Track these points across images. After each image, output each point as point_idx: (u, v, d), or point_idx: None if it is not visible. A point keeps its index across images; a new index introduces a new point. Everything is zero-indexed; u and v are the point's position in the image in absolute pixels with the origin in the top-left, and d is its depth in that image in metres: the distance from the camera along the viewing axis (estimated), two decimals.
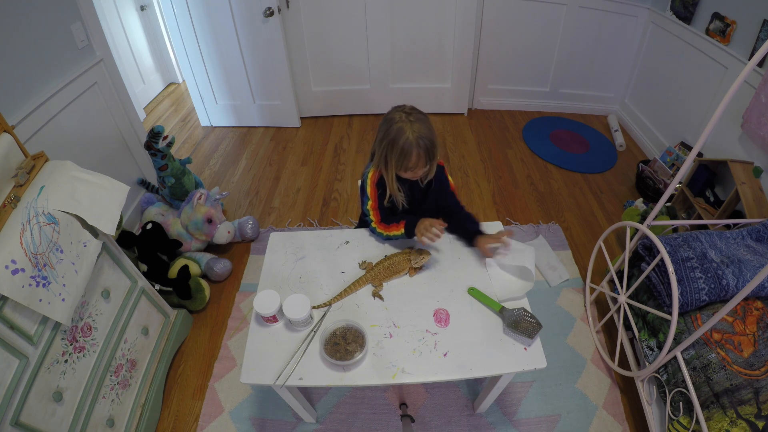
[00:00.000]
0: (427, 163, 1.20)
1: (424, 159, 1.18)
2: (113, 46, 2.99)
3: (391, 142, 1.17)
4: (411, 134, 1.14)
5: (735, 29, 2.15)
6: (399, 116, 1.17)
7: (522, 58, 3.19)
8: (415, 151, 1.15)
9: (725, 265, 1.37)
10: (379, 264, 1.24)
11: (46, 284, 1.04)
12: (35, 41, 1.61)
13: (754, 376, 1.19)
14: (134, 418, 1.46)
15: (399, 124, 1.15)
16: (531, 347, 1.07)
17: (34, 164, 1.17)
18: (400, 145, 1.15)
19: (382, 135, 1.20)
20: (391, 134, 1.16)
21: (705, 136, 1.22)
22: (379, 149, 1.22)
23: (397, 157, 1.17)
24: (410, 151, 1.15)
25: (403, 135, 1.14)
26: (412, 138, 1.14)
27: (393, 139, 1.16)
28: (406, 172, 1.23)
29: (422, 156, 1.17)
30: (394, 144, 1.16)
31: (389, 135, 1.17)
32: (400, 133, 1.15)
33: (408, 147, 1.14)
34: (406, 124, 1.15)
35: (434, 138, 1.18)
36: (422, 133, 1.15)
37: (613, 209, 2.51)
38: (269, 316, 1.09)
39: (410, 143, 1.14)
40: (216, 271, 2.01)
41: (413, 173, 1.23)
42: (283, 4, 2.72)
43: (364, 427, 1.55)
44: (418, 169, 1.21)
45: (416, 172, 1.23)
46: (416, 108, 1.21)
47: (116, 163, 2.16)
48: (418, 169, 1.21)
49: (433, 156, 1.20)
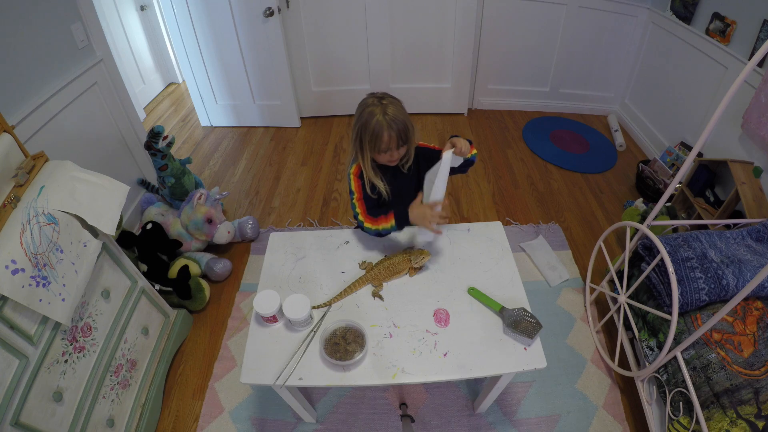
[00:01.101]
0: (400, 145, 1.20)
1: (396, 140, 1.17)
2: (113, 46, 2.99)
3: (363, 125, 1.17)
4: (381, 116, 1.14)
5: (735, 29, 2.15)
6: (371, 101, 1.18)
7: (522, 58, 3.19)
8: (387, 132, 1.15)
9: (725, 265, 1.37)
10: (379, 264, 1.24)
11: (46, 284, 1.04)
12: (35, 41, 1.61)
13: (754, 376, 1.19)
14: (134, 418, 1.46)
15: (370, 108, 1.16)
16: (531, 347, 1.07)
17: (34, 164, 1.17)
18: (372, 126, 1.15)
19: (355, 120, 1.20)
20: (363, 118, 1.17)
21: (705, 136, 1.22)
22: (353, 135, 1.23)
23: (369, 139, 1.17)
24: (381, 132, 1.15)
25: (374, 117, 1.15)
26: (382, 119, 1.14)
27: (365, 122, 1.17)
28: (381, 155, 1.22)
29: (394, 137, 1.16)
30: (366, 126, 1.16)
31: (361, 119, 1.18)
32: (371, 116, 1.15)
33: (379, 128, 1.15)
34: (377, 107, 1.15)
35: (407, 120, 1.18)
36: (394, 115, 1.15)
37: (613, 209, 2.51)
38: (269, 316, 1.10)
39: (381, 124, 1.14)
40: (216, 271, 2.01)
41: (389, 156, 1.22)
42: (283, 4, 2.73)
43: (364, 427, 1.55)
44: (393, 151, 1.21)
45: (392, 154, 1.22)
46: (389, 94, 1.21)
47: (116, 163, 2.16)
48: (392, 151, 1.20)
49: (406, 138, 1.20)
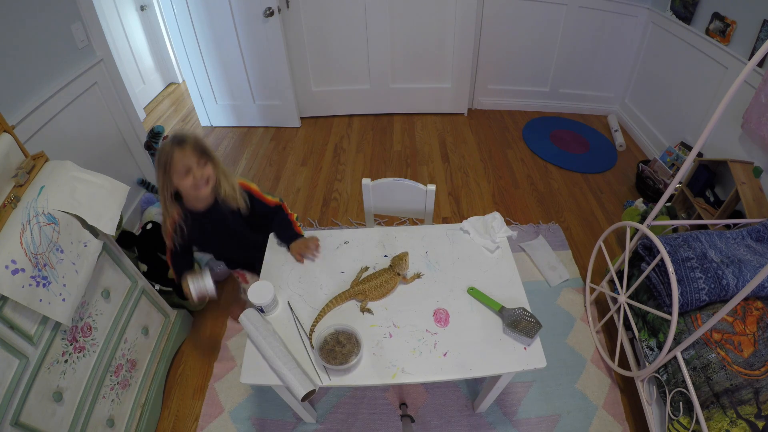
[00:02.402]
0: (202, 162, 1.16)
1: (193, 153, 1.14)
2: (113, 46, 2.99)
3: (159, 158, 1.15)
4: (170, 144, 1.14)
5: (735, 29, 2.15)
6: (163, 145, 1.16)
7: (522, 58, 3.19)
8: (177, 149, 1.12)
9: (725, 265, 1.37)
10: (365, 281, 1.18)
11: (47, 284, 1.04)
12: (35, 41, 1.61)
13: (754, 376, 1.19)
14: (134, 418, 1.46)
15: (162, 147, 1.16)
16: (531, 347, 1.07)
17: (34, 164, 1.17)
18: (164, 153, 1.13)
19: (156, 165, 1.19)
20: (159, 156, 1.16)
21: (705, 136, 1.22)
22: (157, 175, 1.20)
23: (164, 165, 1.14)
24: (172, 152, 1.12)
25: (165, 148, 1.14)
26: (171, 144, 1.13)
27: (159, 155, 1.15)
28: (183, 178, 1.15)
29: (189, 151, 1.13)
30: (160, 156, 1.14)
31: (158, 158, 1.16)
32: (162, 149, 1.15)
33: (168, 150, 1.13)
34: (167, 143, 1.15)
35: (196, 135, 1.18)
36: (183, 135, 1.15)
37: (613, 209, 2.51)
38: (264, 305, 1.11)
39: (169, 148, 1.13)
40: (216, 272, 2.01)
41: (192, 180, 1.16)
42: (283, 4, 2.73)
43: (364, 427, 1.55)
44: (194, 169, 1.15)
45: (194, 174, 1.15)
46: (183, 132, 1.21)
47: (116, 163, 2.16)
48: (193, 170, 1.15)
49: (206, 151, 1.17)
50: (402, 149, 3.03)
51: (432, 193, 1.52)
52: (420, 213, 1.60)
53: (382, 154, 2.98)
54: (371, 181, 1.54)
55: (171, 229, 1.27)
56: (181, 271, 1.33)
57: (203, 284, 1.25)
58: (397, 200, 1.59)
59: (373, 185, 1.54)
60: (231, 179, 1.27)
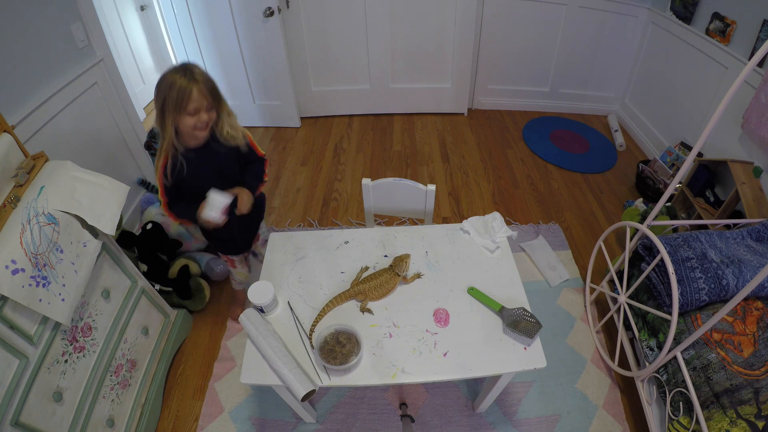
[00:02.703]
0: (210, 106, 1.15)
1: (207, 97, 1.13)
2: (113, 46, 2.99)
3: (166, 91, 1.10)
4: (186, 78, 1.10)
5: (735, 29, 2.15)
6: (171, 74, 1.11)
7: (522, 58, 3.19)
8: (195, 88, 1.10)
9: (725, 265, 1.37)
10: (365, 281, 1.18)
11: (46, 284, 1.04)
12: (35, 41, 1.61)
13: (754, 376, 1.19)
14: (134, 418, 1.46)
15: (171, 77, 1.10)
16: (531, 347, 1.07)
17: (34, 164, 1.17)
18: (176, 88, 1.09)
19: (157, 94, 1.13)
20: (164, 87, 1.11)
21: (705, 136, 1.22)
22: (156, 110, 1.15)
23: (174, 100, 1.10)
24: (188, 89, 1.09)
25: (177, 81, 1.09)
26: (186, 80, 1.09)
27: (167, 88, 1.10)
28: (187, 117, 1.13)
29: (205, 93, 1.12)
30: (170, 90, 1.10)
31: (163, 89, 1.11)
32: (173, 83, 1.10)
33: (184, 86, 1.09)
34: (178, 74, 1.10)
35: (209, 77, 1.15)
36: (201, 75, 1.12)
37: (613, 209, 2.51)
38: (264, 305, 1.11)
39: (185, 84, 1.09)
40: (216, 271, 2.01)
41: (197, 120, 1.15)
42: (283, 4, 2.72)
43: (364, 427, 1.55)
44: (202, 113, 1.14)
45: (200, 117, 1.15)
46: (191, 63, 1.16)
47: (116, 163, 2.16)
48: (202, 111, 1.14)
49: (217, 96, 1.16)
50: (402, 149, 3.03)
51: (432, 193, 1.52)
52: (420, 213, 1.60)
53: (382, 154, 2.98)
54: (371, 181, 1.54)
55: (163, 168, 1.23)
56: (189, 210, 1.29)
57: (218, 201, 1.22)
58: (397, 200, 1.60)
59: (373, 185, 1.54)
60: (233, 120, 1.27)
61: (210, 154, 1.28)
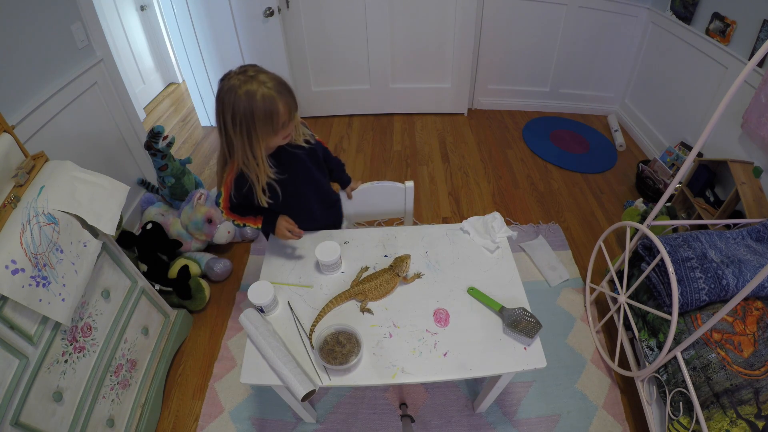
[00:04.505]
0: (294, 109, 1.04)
1: (293, 105, 1.02)
2: (113, 46, 2.99)
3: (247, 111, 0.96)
4: (264, 88, 0.95)
5: (735, 29, 2.15)
6: (236, 80, 0.96)
7: (522, 58, 3.19)
8: (281, 99, 0.97)
9: (725, 265, 1.37)
10: (365, 281, 1.18)
11: (46, 284, 1.04)
12: (35, 41, 1.61)
13: (754, 376, 1.19)
14: (134, 418, 1.46)
15: (243, 88, 0.95)
16: (531, 347, 1.07)
17: (34, 164, 1.17)
18: (260, 105, 0.95)
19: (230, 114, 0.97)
20: (241, 104, 0.95)
21: (705, 136, 1.22)
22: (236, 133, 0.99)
23: (263, 121, 0.97)
24: (275, 106, 0.96)
25: (256, 94, 0.95)
26: (267, 91, 0.95)
27: (246, 105, 0.95)
28: (280, 134, 1.04)
29: (290, 102, 1.00)
30: (253, 109, 0.95)
31: (239, 106, 0.95)
32: (251, 95, 0.95)
33: (270, 102, 0.95)
34: (248, 83, 0.95)
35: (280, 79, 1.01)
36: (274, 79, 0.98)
37: (613, 209, 2.51)
38: (264, 305, 1.11)
39: (269, 97, 0.95)
40: (216, 271, 2.01)
41: (285, 131, 1.05)
42: (283, 4, 2.72)
43: (364, 427, 1.55)
44: (289, 122, 1.03)
45: (288, 128, 1.05)
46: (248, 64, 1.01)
47: (116, 163, 2.16)
48: (288, 122, 1.03)
49: (294, 102, 1.03)
50: (402, 149, 3.03)
51: (411, 191, 1.52)
52: (400, 213, 1.59)
53: (382, 154, 2.98)
54: None
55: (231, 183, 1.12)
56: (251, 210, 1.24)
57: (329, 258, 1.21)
58: (376, 203, 1.57)
59: None
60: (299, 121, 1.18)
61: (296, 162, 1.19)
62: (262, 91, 0.95)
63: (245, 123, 0.97)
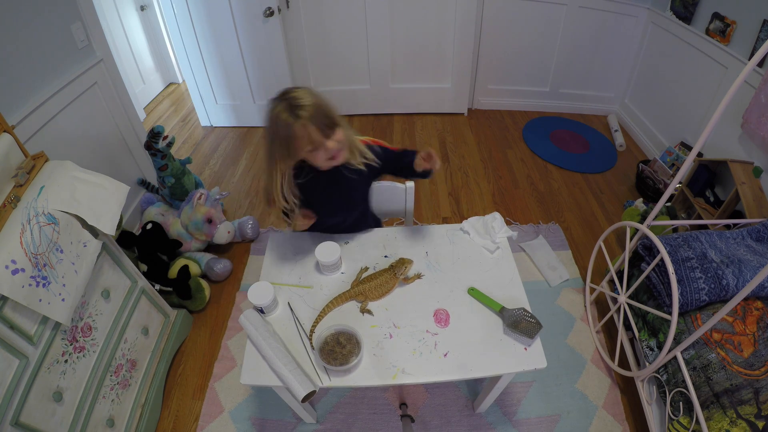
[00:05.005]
0: (325, 131, 1.03)
1: (313, 128, 1.00)
2: (113, 46, 2.99)
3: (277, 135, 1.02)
4: (284, 114, 1.00)
5: (735, 29, 2.15)
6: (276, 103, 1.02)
7: (522, 58, 3.19)
8: (295, 122, 0.98)
9: (725, 265, 1.37)
10: (365, 282, 1.18)
11: (46, 284, 1.04)
12: (35, 41, 1.61)
13: (754, 376, 1.19)
14: (134, 418, 1.46)
15: (274, 111, 1.01)
16: (531, 347, 1.07)
17: (34, 164, 1.17)
18: (280, 127, 1.00)
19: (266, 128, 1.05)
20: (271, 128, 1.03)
21: (705, 136, 1.22)
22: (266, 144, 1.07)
23: (280, 144, 1.03)
24: (290, 124, 0.98)
25: (280, 117, 1.00)
26: (289, 116, 0.99)
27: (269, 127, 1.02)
28: (312, 153, 1.05)
29: (308, 125, 1.00)
30: (277, 131, 1.01)
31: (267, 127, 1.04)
32: (274, 118, 1.01)
33: (283, 121, 0.99)
34: (280, 106, 1.00)
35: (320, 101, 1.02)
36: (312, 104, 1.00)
37: (613, 209, 2.51)
38: (264, 305, 1.11)
39: (282, 116, 0.99)
40: (216, 271, 2.01)
41: (325, 153, 1.06)
42: (283, 4, 2.72)
43: (364, 427, 1.55)
44: (323, 142, 1.03)
45: (326, 149, 1.04)
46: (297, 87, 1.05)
47: (116, 163, 2.16)
48: (322, 144, 1.03)
49: (329, 122, 1.03)
50: None
51: (411, 191, 1.52)
52: (400, 213, 1.59)
53: None
54: None
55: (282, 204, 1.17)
56: None
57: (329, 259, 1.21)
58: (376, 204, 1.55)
59: None
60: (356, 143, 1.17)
61: (339, 180, 1.21)
62: (284, 116, 1.00)
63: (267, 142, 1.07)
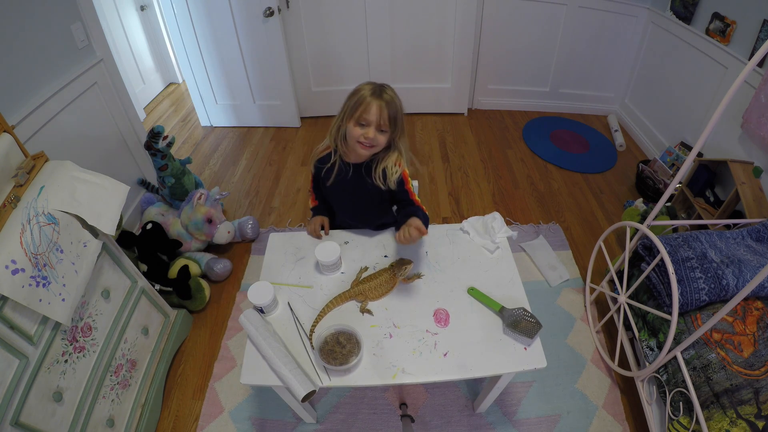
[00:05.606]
0: (383, 128, 1.15)
1: (384, 117, 1.13)
2: (113, 46, 2.99)
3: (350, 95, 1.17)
4: (376, 89, 1.14)
5: (735, 29, 2.15)
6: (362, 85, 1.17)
7: (522, 58, 3.19)
8: (376, 102, 1.12)
9: (725, 265, 1.37)
10: (365, 281, 1.18)
11: (46, 284, 1.04)
12: (35, 41, 1.61)
13: (754, 376, 1.19)
14: (134, 418, 1.46)
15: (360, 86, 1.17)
16: (531, 347, 1.07)
17: (34, 164, 1.17)
18: (358, 94, 1.14)
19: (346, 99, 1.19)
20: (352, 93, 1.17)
21: (705, 136, 1.22)
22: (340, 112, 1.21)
23: (351, 106, 1.15)
24: (368, 97, 1.12)
25: (362, 90, 1.14)
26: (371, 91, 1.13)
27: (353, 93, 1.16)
28: (357, 127, 1.15)
29: (383, 109, 1.12)
30: (353, 95, 1.15)
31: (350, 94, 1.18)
32: (359, 89, 1.15)
33: (366, 94, 1.13)
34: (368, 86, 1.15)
35: (398, 103, 1.16)
36: (390, 95, 1.14)
37: (613, 209, 2.51)
38: (264, 305, 1.10)
39: (368, 94, 1.12)
40: (216, 271, 2.01)
41: (364, 132, 1.14)
42: (283, 4, 2.72)
43: (364, 427, 1.55)
44: (370, 128, 1.14)
45: (367, 132, 1.14)
46: None
47: (116, 163, 2.16)
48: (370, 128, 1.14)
49: (394, 123, 1.16)
50: None
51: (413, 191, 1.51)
52: None
53: None
54: None
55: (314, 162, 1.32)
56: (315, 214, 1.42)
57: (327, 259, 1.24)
58: None
59: None
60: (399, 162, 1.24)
61: (358, 178, 1.28)
62: (369, 89, 1.14)
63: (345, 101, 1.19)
